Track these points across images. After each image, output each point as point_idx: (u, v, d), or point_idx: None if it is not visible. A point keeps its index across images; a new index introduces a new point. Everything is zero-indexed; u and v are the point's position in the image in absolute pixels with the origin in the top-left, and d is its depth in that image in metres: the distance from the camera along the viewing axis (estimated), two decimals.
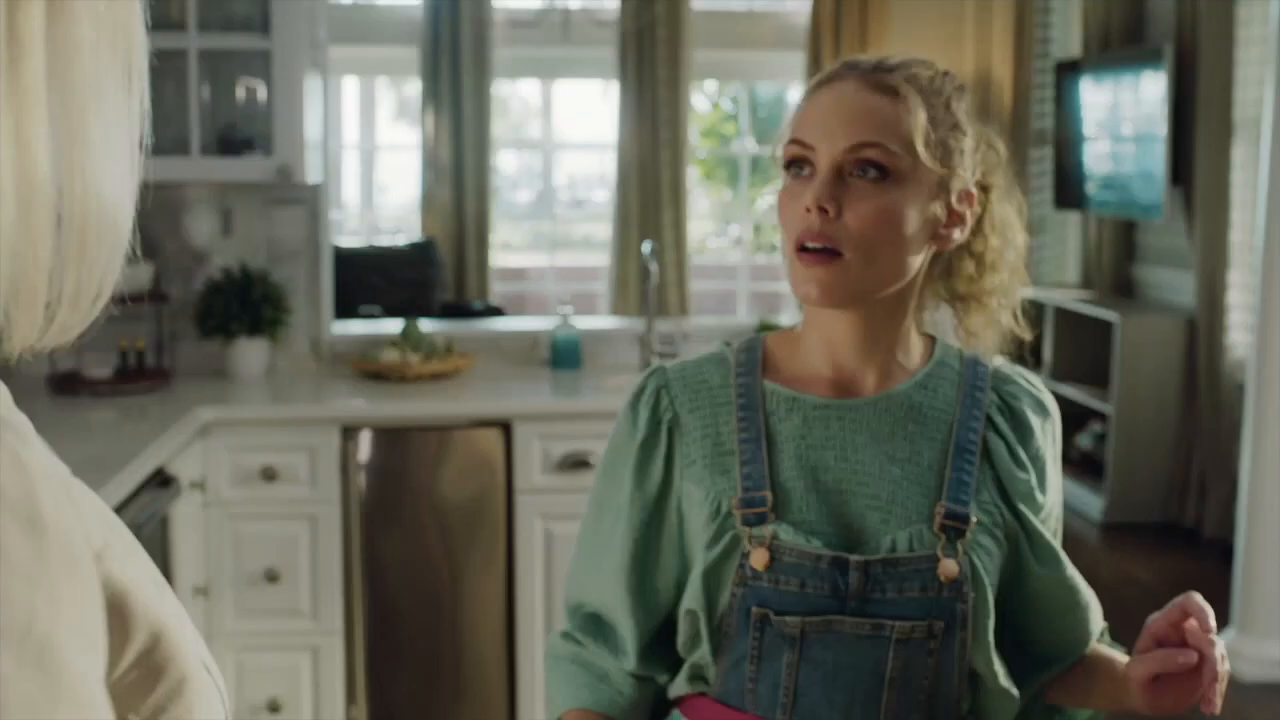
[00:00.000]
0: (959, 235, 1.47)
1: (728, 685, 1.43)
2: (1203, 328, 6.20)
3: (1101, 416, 6.60)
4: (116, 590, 0.70)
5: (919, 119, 1.40)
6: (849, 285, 1.40)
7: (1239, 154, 6.11)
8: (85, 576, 0.68)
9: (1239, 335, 6.12)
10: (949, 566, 1.38)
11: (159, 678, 0.72)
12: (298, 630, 3.65)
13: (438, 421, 3.71)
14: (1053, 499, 1.52)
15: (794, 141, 1.43)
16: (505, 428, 3.69)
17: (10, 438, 0.65)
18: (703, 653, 1.44)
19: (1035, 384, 1.56)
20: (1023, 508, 1.45)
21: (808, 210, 1.39)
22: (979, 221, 1.52)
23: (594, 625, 1.54)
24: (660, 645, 1.51)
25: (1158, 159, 6.42)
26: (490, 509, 3.71)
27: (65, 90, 0.66)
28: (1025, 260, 1.58)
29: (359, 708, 3.72)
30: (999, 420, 1.49)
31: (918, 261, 1.45)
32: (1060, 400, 6.67)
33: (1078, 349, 6.94)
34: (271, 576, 3.60)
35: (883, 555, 1.39)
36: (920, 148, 1.39)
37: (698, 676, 1.47)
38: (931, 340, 1.55)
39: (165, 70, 3.94)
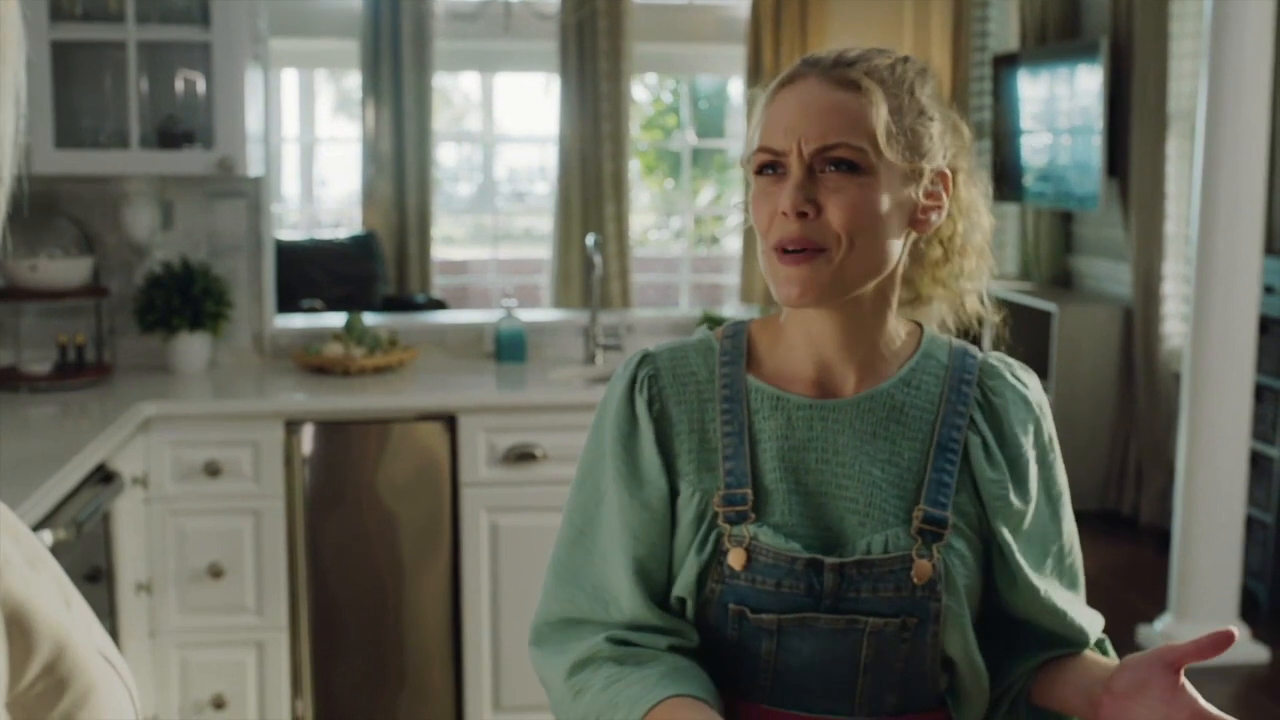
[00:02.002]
0: (937, 218, 1.46)
1: (708, 662, 1.43)
2: (1139, 318, 6.28)
3: None
4: (17, 605, 0.70)
5: (881, 113, 1.39)
6: (832, 282, 1.39)
7: (1173, 146, 6.20)
8: None
9: (1174, 325, 6.21)
10: (923, 568, 1.39)
11: (65, 687, 0.72)
12: (242, 626, 3.63)
13: (382, 415, 3.70)
14: (1064, 514, 1.52)
15: (762, 149, 1.41)
16: (450, 421, 3.69)
17: None
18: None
19: (1023, 378, 1.54)
20: (993, 507, 1.44)
21: (784, 215, 1.38)
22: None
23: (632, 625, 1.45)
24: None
25: (1094, 151, 6.49)
26: (435, 502, 3.70)
27: None
28: (990, 243, 1.56)
29: (305, 702, 3.71)
30: (978, 418, 1.47)
31: (898, 248, 1.44)
32: None
33: (1016, 339, 6.93)
34: (215, 572, 3.58)
35: (857, 557, 1.39)
36: (884, 143, 1.38)
37: None
38: (919, 330, 1.53)
39: (103, 62, 3.91)
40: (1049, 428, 1.52)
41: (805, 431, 1.44)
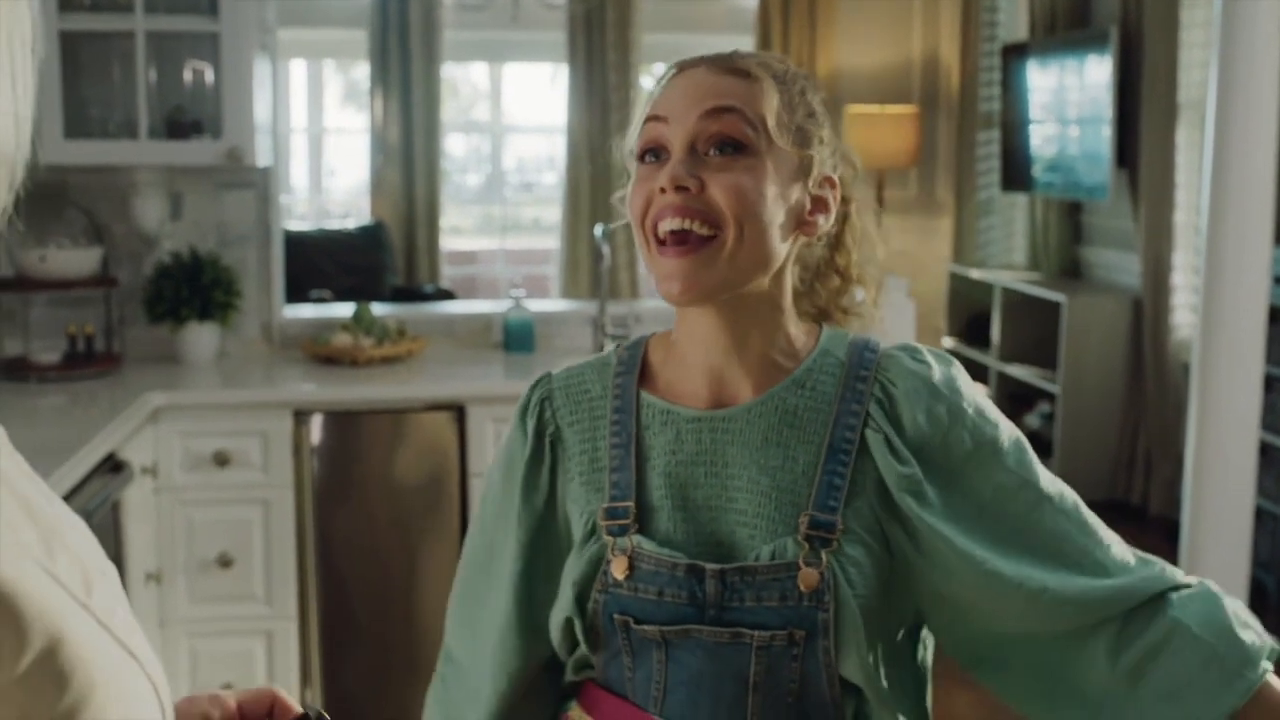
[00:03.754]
0: (824, 222, 1.41)
1: (609, 674, 1.42)
2: (1148, 308, 6.27)
3: (1049, 396, 6.66)
4: (4, 591, 0.68)
5: (772, 101, 1.35)
6: (714, 272, 1.33)
7: (1183, 136, 6.18)
8: None
9: (1184, 316, 6.20)
10: (809, 576, 1.32)
11: (66, 683, 0.70)
12: (251, 615, 3.64)
13: (390, 405, 3.71)
14: (1032, 465, 1.41)
15: (649, 119, 1.38)
16: (459, 411, 3.69)
17: None
18: (582, 649, 1.42)
19: (926, 359, 1.42)
20: (909, 503, 1.34)
21: (662, 191, 1.33)
22: (841, 235, 1.48)
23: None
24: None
25: (1103, 141, 6.47)
26: (444, 492, 3.71)
27: None
28: (882, 278, 1.53)
29: (314, 691, 3.71)
30: (875, 413, 1.37)
31: (784, 250, 1.38)
32: (1008, 380, 6.67)
33: (1025, 330, 6.99)
34: (224, 562, 3.58)
35: (739, 564, 1.34)
36: (773, 125, 1.34)
37: (584, 666, 1.45)
38: (818, 330, 1.47)
39: (112, 52, 3.91)
40: (969, 403, 1.39)
41: (694, 445, 1.39)
